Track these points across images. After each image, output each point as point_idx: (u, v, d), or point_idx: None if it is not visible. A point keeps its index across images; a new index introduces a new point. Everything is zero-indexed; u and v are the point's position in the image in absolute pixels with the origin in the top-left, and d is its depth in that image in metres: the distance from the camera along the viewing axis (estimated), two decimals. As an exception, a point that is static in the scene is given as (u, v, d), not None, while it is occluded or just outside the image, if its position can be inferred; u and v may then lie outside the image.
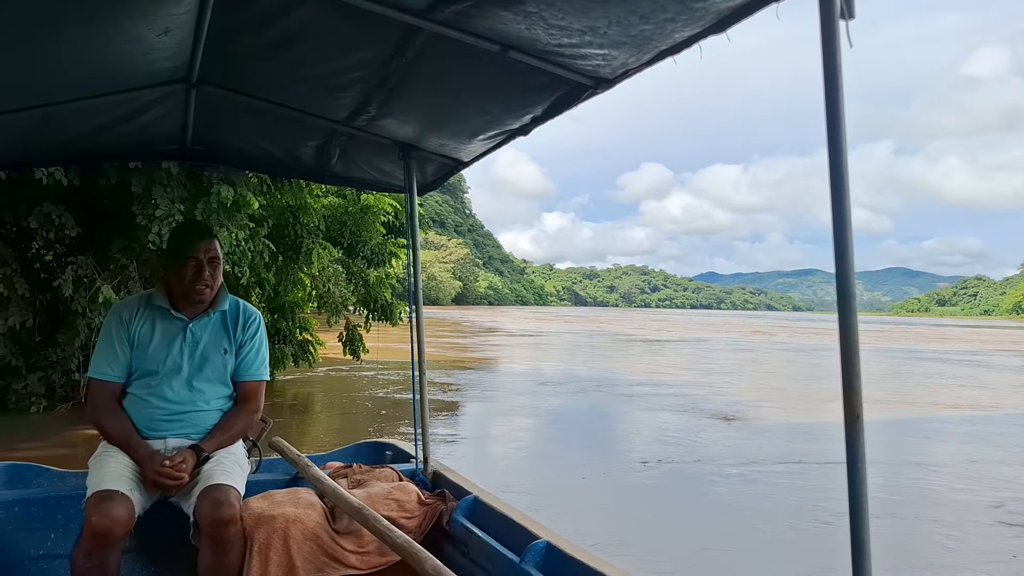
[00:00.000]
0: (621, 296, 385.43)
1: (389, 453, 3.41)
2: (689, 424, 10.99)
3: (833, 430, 10.19)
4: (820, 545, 5.72)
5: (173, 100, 2.61)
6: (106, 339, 2.57)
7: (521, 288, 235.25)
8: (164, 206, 8.45)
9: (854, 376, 1.32)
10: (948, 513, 6.72)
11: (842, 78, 1.30)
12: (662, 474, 7.88)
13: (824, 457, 8.86)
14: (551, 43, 1.88)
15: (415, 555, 2.23)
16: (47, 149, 2.86)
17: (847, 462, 1.32)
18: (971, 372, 21.99)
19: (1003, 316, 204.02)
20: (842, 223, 1.31)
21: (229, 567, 2.33)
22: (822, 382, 17.33)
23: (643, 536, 5.81)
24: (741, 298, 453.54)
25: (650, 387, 15.73)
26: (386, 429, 9.76)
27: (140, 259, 9.47)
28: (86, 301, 9.02)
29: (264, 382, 2.74)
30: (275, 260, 11.04)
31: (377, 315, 13.45)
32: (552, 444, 9.94)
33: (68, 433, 8.61)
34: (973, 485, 7.82)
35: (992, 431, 11.31)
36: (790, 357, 27.67)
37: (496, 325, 50.67)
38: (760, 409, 12.95)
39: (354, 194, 12.20)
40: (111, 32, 1.91)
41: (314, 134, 2.93)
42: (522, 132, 2.52)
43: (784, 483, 7.58)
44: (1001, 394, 16.35)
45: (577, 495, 6.93)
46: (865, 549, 1.31)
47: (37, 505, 2.58)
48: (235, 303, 2.74)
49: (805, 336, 44.82)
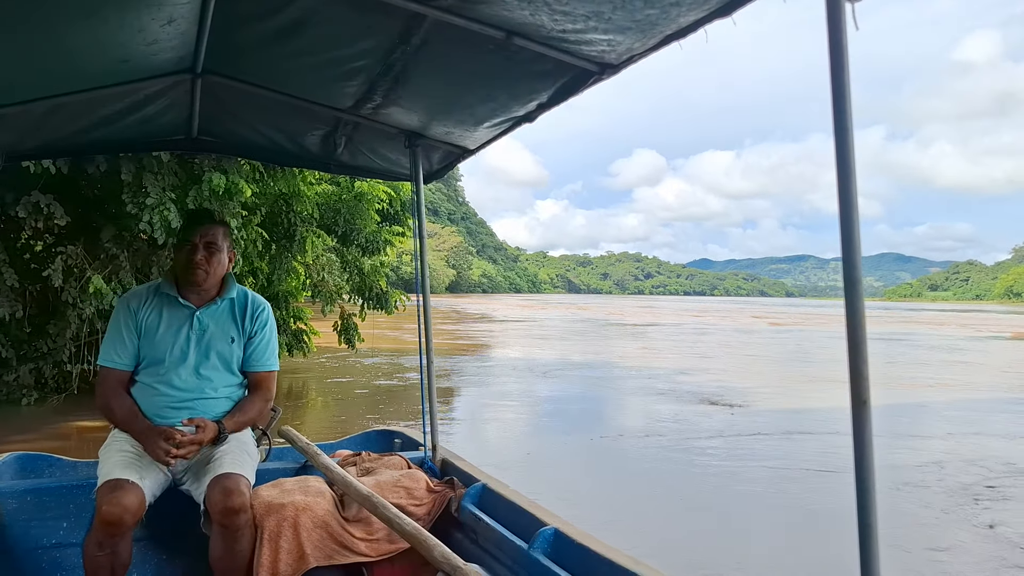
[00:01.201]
0: (615, 283, 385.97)
1: (398, 441, 3.42)
2: (642, 401, 12.36)
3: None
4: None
5: (179, 90, 2.61)
6: (115, 327, 2.60)
7: (515, 276, 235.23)
8: (155, 194, 8.31)
9: (861, 361, 1.31)
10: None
11: (848, 61, 1.29)
12: (606, 445, 8.95)
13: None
14: (556, 29, 1.88)
15: (424, 542, 2.24)
16: (55, 141, 2.86)
17: (854, 448, 1.31)
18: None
19: (995, 300, 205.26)
20: (848, 209, 1.30)
21: (240, 554, 2.36)
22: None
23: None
24: (734, 284, 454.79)
25: (605, 368, 17.35)
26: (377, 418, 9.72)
27: (131, 248, 9.34)
28: (77, 291, 8.88)
29: (275, 372, 2.78)
30: (268, 249, 10.93)
31: (372, 304, 13.34)
32: (514, 418, 10.80)
33: (60, 425, 8.51)
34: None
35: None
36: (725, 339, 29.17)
37: (487, 312, 51.55)
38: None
39: (348, 181, 12.06)
40: (116, 23, 1.91)
41: (320, 123, 2.93)
42: (528, 119, 2.52)
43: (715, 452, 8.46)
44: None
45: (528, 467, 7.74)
46: (872, 534, 1.30)
47: (49, 494, 2.60)
48: (243, 293, 2.77)
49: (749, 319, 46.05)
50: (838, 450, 8.30)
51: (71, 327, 9.22)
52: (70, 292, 8.90)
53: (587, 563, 2.05)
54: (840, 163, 1.31)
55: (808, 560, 5.14)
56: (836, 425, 9.71)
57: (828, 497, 6.61)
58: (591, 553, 2.05)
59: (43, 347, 9.39)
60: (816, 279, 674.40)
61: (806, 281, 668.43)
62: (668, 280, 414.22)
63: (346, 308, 13.48)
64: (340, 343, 13.53)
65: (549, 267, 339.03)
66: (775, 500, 6.62)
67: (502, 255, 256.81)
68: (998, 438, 9.58)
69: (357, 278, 13.14)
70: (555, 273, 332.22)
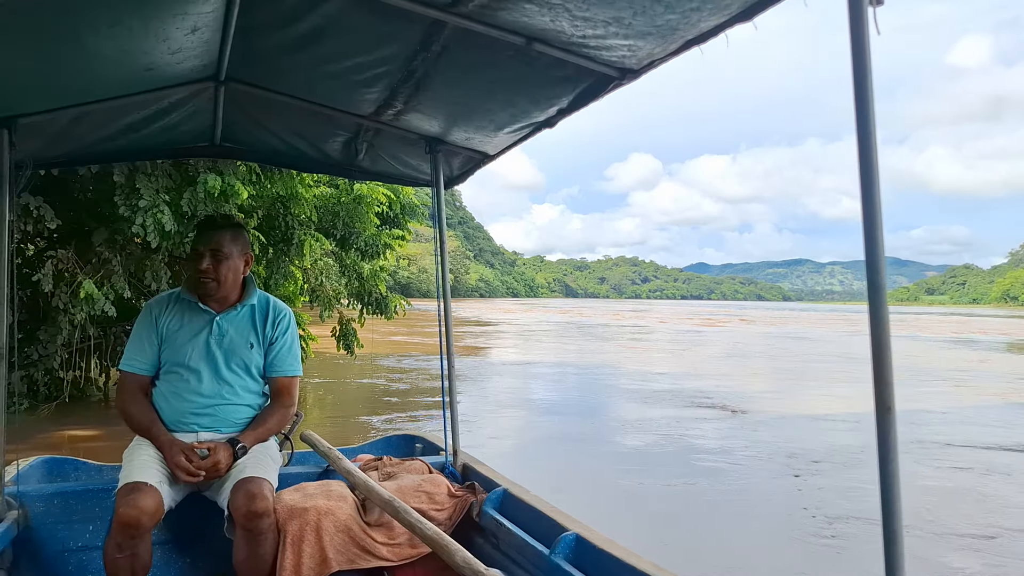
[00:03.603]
0: (612, 287, 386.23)
1: (419, 446, 3.44)
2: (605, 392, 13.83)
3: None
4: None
5: (202, 98, 2.65)
6: (137, 333, 2.65)
7: (512, 280, 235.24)
8: (148, 196, 8.03)
9: (886, 367, 1.30)
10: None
11: (871, 66, 1.29)
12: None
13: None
14: (576, 35, 1.89)
15: (445, 547, 2.26)
16: (81, 148, 2.88)
17: (879, 455, 1.31)
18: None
19: (992, 304, 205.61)
20: (872, 213, 1.30)
21: (263, 559, 2.38)
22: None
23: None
24: (731, 288, 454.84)
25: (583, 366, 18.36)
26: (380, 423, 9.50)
27: (124, 252, 9.07)
28: (67, 296, 8.59)
29: (297, 377, 2.79)
30: (265, 252, 10.71)
31: (371, 309, 13.09)
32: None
33: (52, 433, 8.22)
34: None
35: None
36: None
37: (479, 317, 51.58)
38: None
39: (346, 183, 11.84)
40: (141, 32, 1.93)
41: (341, 129, 2.95)
42: (548, 124, 2.53)
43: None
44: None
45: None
46: (898, 540, 1.29)
47: (75, 498, 2.63)
48: (265, 299, 2.79)
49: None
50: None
51: (62, 333, 8.92)
52: (60, 297, 8.61)
53: (609, 569, 2.05)
54: (863, 167, 1.30)
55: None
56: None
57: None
58: (613, 559, 2.06)
59: (33, 354, 9.13)
60: (813, 283, 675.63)
61: (803, 285, 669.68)
62: (665, 284, 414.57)
63: (345, 313, 13.25)
64: (339, 349, 13.30)
65: (546, 271, 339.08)
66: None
67: (499, 259, 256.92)
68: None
69: (356, 282, 12.92)
70: (552, 277, 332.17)
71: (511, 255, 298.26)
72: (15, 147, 2.43)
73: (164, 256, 9.23)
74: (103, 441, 8.00)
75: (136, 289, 9.37)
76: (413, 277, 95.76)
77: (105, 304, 8.26)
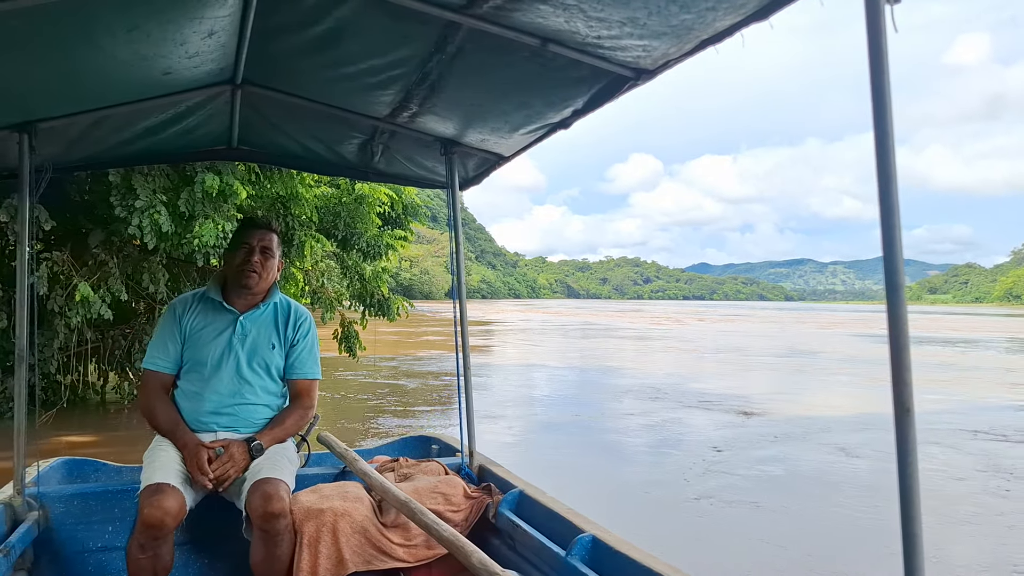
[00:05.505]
0: (614, 288, 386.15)
1: (435, 447, 3.45)
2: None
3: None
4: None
5: (219, 101, 2.67)
6: (160, 332, 2.68)
7: (514, 281, 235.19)
8: (145, 196, 7.87)
9: (904, 368, 1.29)
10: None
11: (888, 64, 1.27)
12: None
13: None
14: (591, 35, 1.89)
15: (462, 548, 2.26)
16: (99, 152, 2.90)
17: (897, 456, 1.29)
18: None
19: (994, 303, 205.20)
20: (890, 213, 1.29)
21: (280, 559, 2.39)
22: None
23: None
24: (733, 288, 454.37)
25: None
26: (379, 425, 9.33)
27: (121, 254, 8.90)
28: (63, 299, 8.41)
29: (317, 380, 2.81)
30: (265, 254, 10.50)
31: (374, 311, 12.91)
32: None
33: (50, 439, 7.99)
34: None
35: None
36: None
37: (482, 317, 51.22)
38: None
39: (347, 183, 11.66)
40: (158, 36, 1.94)
41: (357, 132, 2.96)
42: (563, 125, 2.53)
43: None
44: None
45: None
46: (918, 543, 1.27)
47: (95, 499, 2.65)
48: (286, 302, 2.82)
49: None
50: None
51: (58, 337, 8.77)
52: (56, 300, 8.43)
53: (626, 570, 2.05)
54: (880, 167, 1.29)
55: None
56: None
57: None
58: (629, 560, 2.06)
59: (30, 359, 8.94)
60: (815, 283, 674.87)
61: (805, 285, 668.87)
62: (667, 285, 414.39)
63: (346, 315, 13.06)
64: (340, 351, 13.12)
65: (548, 272, 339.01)
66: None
67: (501, 260, 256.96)
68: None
69: (358, 284, 12.75)
70: (554, 278, 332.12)
71: (513, 256, 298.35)
72: (35, 151, 2.45)
73: (162, 258, 9.05)
74: (104, 447, 7.87)
75: (133, 292, 9.20)
76: (415, 279, 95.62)
77: (101, 307, 8.08)
